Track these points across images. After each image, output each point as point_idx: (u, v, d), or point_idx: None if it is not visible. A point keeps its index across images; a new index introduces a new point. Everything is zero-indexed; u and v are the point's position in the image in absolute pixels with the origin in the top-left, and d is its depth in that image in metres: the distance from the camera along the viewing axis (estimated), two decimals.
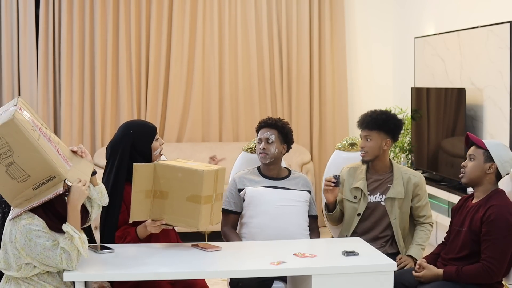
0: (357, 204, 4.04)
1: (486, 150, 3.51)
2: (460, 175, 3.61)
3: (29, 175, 3.07)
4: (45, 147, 3.06)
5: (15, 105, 3.08)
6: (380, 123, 4.00)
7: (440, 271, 3.51)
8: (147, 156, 3.72)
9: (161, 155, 3.82)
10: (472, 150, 3.57)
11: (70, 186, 3.12)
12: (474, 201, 3.58)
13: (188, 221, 3.47)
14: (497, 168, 3.50)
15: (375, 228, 4.02)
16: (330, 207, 4.07)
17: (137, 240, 3.65)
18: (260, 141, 4.08)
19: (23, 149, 3.02)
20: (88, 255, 3.19)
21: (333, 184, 3.97)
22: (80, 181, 3.15)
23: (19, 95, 6.86)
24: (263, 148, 4.04)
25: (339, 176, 3.99)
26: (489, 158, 3.50)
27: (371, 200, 4.03)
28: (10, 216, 3.15)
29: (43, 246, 3.08)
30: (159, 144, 3.77)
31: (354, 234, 4.02)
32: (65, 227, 3.11)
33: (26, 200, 3.11)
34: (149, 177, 3.48)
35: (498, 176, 3.54)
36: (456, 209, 3.68)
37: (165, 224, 3.54)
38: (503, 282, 3.53)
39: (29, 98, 6.83)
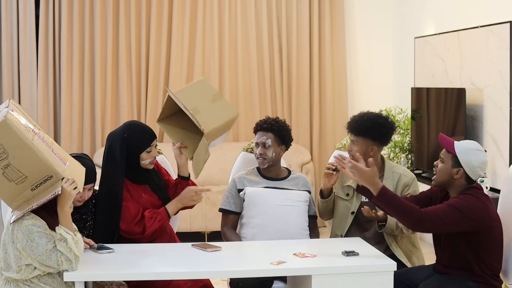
0: (350, 202, 4.01)
1: (454, 155, 3.36)
2: (432, 178, 3.51)
3: (26, 176, 3.04)
4: (40, 146, 3.04)
5: (7, 107, 3.06)
6: (364, 130, 3.88)
7: (381, 183, 3.36)
8: (134, 162, 3.74)
9: (152, 164, 3.79)
10: (443, 152, 3.44)
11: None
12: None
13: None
14: (466, 173, 3.36)
15: (369, 228, 3.99)
16: (324, 194, 4.01)
17: (167, 218, 3.77)
18: (257, 145, 4.07)
19: (18, 150, 3.00)
20: (83, 255, 3.17)
21: (332, 170, 3.91)
22: (67, 181, 3.09)
23: (19, 95, 6.87)
24: (260, 153, 4.04)
25: None
26: (457, 163, 3.36)
27: (364, 200, 4.00)
28: (11, 219, 3.13)
29: (45, 247, 3.07)
30: (152, 155, 3.76)
31: (348, 233, 3.99)
32: (57, 229, 3.10)
33: (25, 201, 3.09)
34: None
35: (470, 180, 3.39)
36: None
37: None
38: (503, 282, 3.53)
39: (29, 98, 6.84)
